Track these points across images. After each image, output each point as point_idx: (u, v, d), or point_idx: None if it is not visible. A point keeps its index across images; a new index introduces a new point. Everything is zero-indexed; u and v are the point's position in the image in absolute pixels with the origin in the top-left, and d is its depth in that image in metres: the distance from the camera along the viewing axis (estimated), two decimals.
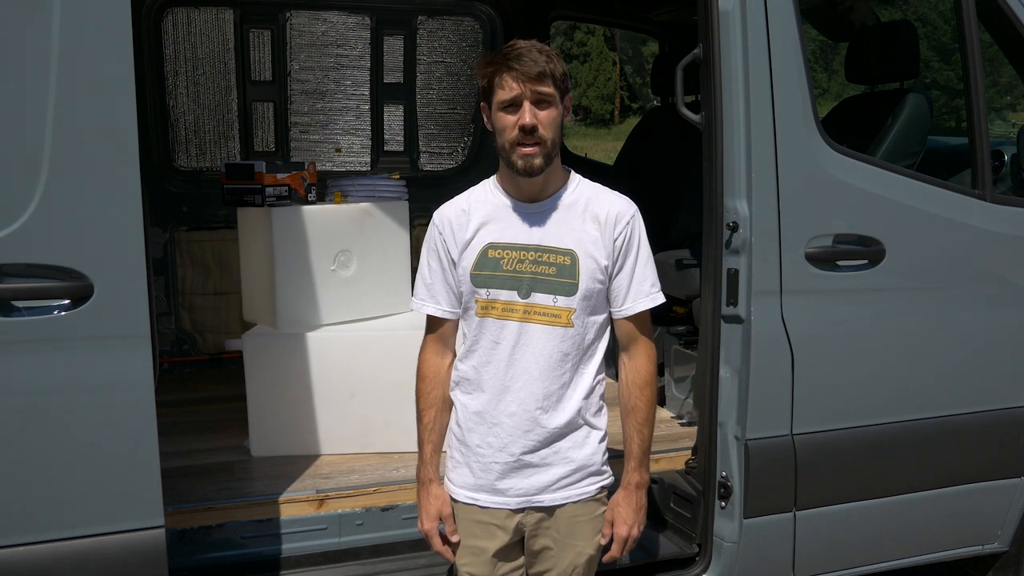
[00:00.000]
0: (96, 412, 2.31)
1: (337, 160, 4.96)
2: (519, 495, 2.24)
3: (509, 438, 2.22)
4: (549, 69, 2.08)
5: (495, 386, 2.22)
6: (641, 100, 29.89)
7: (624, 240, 2.20)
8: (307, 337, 3.35)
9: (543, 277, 2.17)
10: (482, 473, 2.26)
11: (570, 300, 2.17)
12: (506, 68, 2.08)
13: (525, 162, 2.10)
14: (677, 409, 3.87)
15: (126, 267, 2.29)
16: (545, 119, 2.10)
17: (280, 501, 2.92)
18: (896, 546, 3.25)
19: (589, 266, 2.17)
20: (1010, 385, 3.29)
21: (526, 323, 2.18)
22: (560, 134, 2.16)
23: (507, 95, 2.09)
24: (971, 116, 3.16)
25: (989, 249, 3.22)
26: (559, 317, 2.17)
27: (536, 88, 2.08)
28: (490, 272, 2.19)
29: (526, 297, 2.18)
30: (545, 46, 2.14)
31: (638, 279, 2.22)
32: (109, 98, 2.24)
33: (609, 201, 2.23)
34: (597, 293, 2.20)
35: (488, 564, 2.29)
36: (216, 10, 4.56)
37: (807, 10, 3.64)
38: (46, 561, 2.30)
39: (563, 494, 2.25)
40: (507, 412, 2.22)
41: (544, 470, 2.23)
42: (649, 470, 2.32)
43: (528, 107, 2.08)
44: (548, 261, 2.17)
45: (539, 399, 2.20)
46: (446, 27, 5.01)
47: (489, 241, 2.20)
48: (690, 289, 3.75)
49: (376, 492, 3.00)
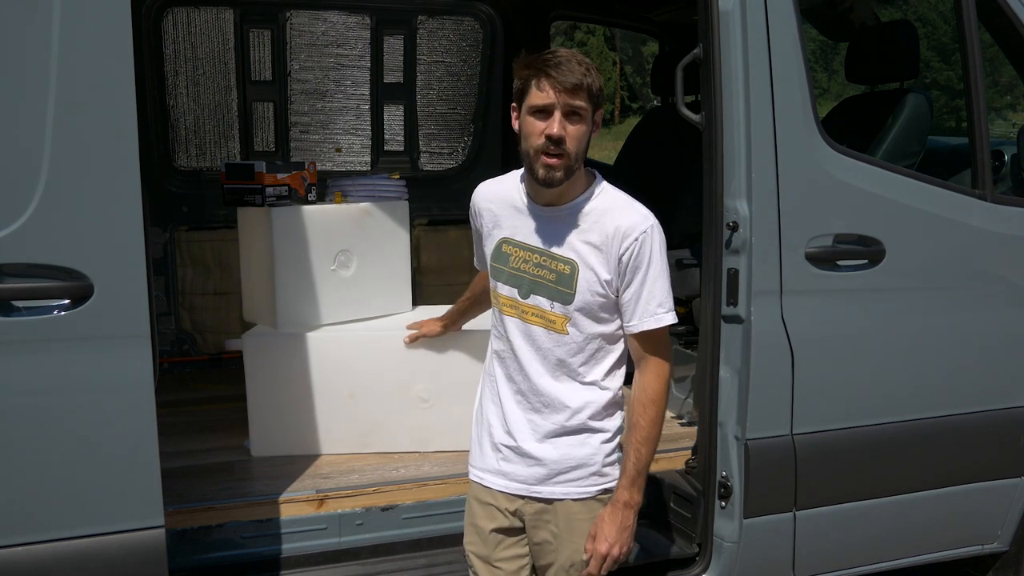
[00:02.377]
0: (96, 412, 2.31)
1: (337, 160, 4.95)
2: (519, 481, 2.28)
3: (514, 424, 2.27)
4: (586, 82, 2.07)
5: (503, 373, 2.30)
6: (641, 100, 29.86)
7: (631, 256, 2.16)
8: (307, 337, 3.35)
9: (543, 282, 2.19)
10: (491, 452, 2.33)
11: (566, 308, 2.18)
12: (544, 74, 2.07)
13: (546, 172, 2.10)
14: (677, 409, 3.87)
15: (126, 267, 2.29)
16: (574, 132, 2.09)
17: (280, 501, 2.92)
18: (896, 546, 3.25)
19: (588, 278, 2.17)
20: (1010, 385, 3.29)
21: (526, 322, 2.22)
22: (586, 148, 2.15)
23: (540, 101, 2.08)
24: (971, 116, 3.16)
25: (989, 249, 3.22)
26: (555, 323, 2.19)
27: (570, 100, 2.07)
28: (500, 266, 2.27)
29: (525, 297, 2.21)
30: (585, 59, 2.13)
31: (646, 297, 2.19)
32: (109, 98, 2.24)
33: (624, 214, 2.19)
34: (599, 306, 2.19)
35: (488, 544, 2.35)
36: (216, 10, 4.55)
37: (807, 10, 3.64)
38: (46, 561, 2.30)
39: (562, 489, 2.26)
40: (513, 400, 2.28)
41: (542, 463, 2.26)
42: (643, 492, 2.24)
43: (558, 117, 2.08)
44: (550, 267, 2.18)
45: (534, 395, 2.24)
46: (446, 27, 5.00)
47: (504, 236, 2.27)
48: (690, 289, 3.74)
49: (376, 492, 3.00)
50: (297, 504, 2.92)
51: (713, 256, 2.89)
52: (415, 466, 3.21)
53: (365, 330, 3.47)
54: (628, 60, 32.28)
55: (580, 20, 10.92)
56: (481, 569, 2.39)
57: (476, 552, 2.39)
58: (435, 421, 3.32)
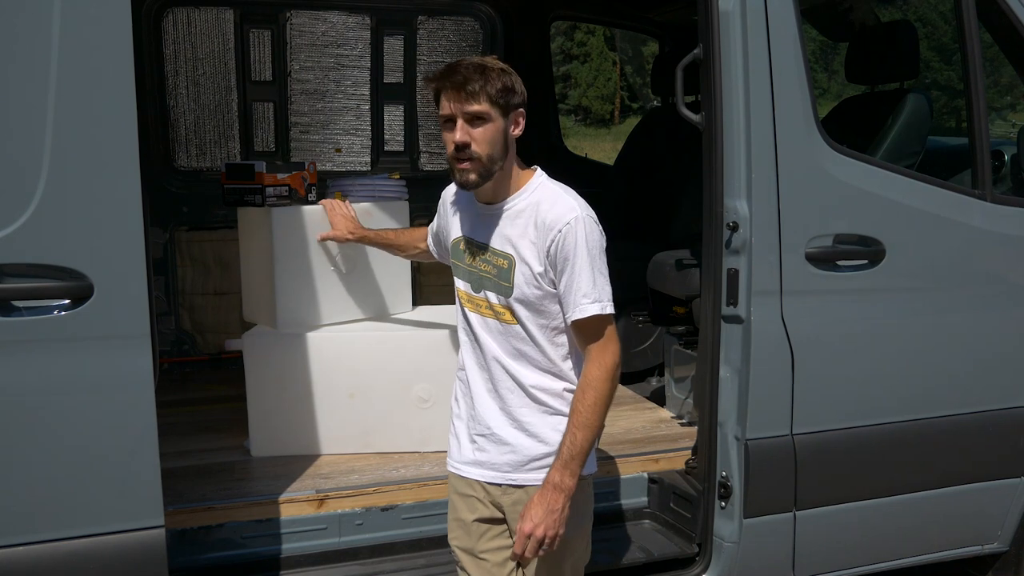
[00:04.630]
0: (96, 412, 2.31)
1: (337, 160, 4.96)
2: (495, 469, 2.31)
3: (484, 412, 2.32)
4: (479, 87, 2.11)
5: (472, 363, 2.35)
6: (641, 100, 29.88)
7: (558, 248, 2.16)
8: (307, 337, 3.35)
9: (488, 276, 2.27)
10: (468, 444, 2.36)
11: (507, 301, 2.24)
12: (440, 85, 2.16)
13: (461, 176, 2.19)
14: (677, 409, 3.86)
15: (126, 267, 2.29)
16: (480, 136, 2.14)
17: (280, 501, 2.92)
18: (896, 546, 3.25)
19: (524, 271, 2.20)
20: (1010, 385, 3.29)
21: (480, 315, 2.31)
22: (503, 147, 2.18)
23: (444, 112, 2.17)
24: (971, 116, 3.16)
25: (989, 249, 3.22)
26: (503, 314, 2.26)
27: (467, 106, 2.13)
28: (457, 262, 2.38)
29: (477, 292, 2.31)
30: (491, 61, 2.17)
31: (574, 289, 2.18)
32: (109, 98, 2.24)
33: (554, 208, 2.20)
34: (537, 298, 2.21)
35: (472, 535, 2.36)
36: (216, 10, 4.56)
37: (807, 10, 3.64)
38: (46, 561, 2.30)
39: (536, 476, 2.25)
40: (486, 388, 2.33)
41: (515, 449, 2.29)
42: (576, 477, 2.17)
43: (460, 125, 2.14)
44: (493, 262, 2.27)
45: (501, 383, 2.29)
46: (446, 27, 5.01)
47: (460, 234, 2.37)
48: (690, 289, 3.74)
49: (376, 492, 3.00)
50: (297, 504, 2.92)
51: (713, 256, 2.89)
52: (415, 466, 3.20)
53: (365, 330, 3.47)
54: (628, 60, 32.28)
55: (580, 20, 10.93)
56: (467, 562, 2.39)
57: (460, 545, 2.40)
58: (435, 421, 3.32)
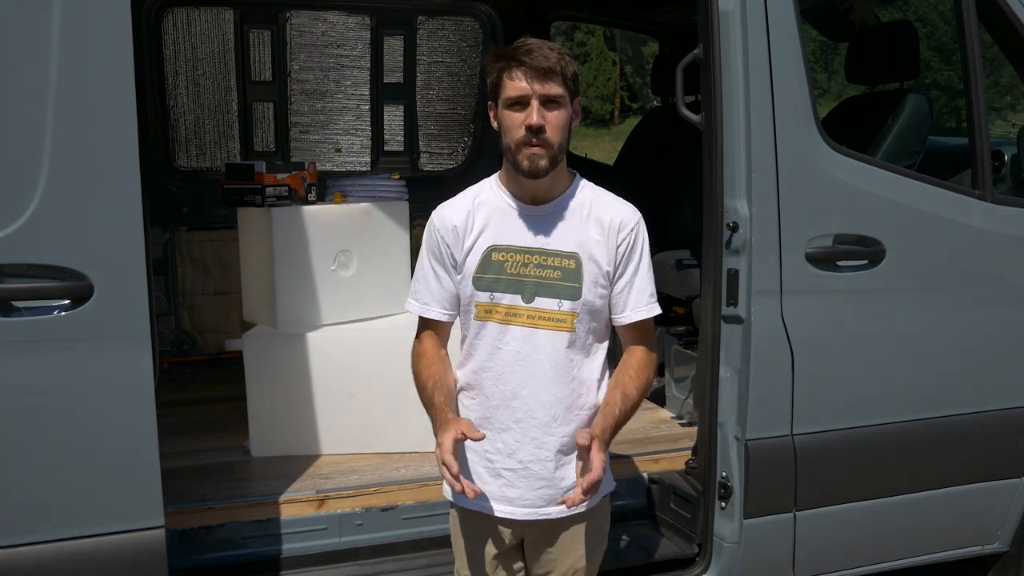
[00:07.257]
0: (96, 412, 2.31)
1: (337, 160, 4.96)
2: (527, 506, 2.19)
3: (517, 444, 2.17)
4: (559, 67, 2.04)
5: (501, 392, 2.17)
6: (641, 100, 29.86)
7: (627, 247, 2.17)
8: (307, 337, 3.35)
9: (548, 281, 2.13)
10: (491, 479, 2.20)
11: (574, 305, 2.13)
12: (515, 64, 2.04)
13: (531, 162, 2.05)
14: (677, 409, 3.86)
15: (126, 267, 2.29)
16: (553, 120, 2.05)
17: (280, 501, 2.92)
18: (896, 546, 3.24)
19: (592, 270, 2.14)
20: (1010, 385, 3.28)
21: (532, 328, 2.14)
22: (567, 137, 2.12)
23: (515, 92, 2.04)
24: (971, 116, 3.16)
25: (989, 249, 3.21)
26: (564, 322, 2.13)
27: (544, 87, 2.03)
28: (494, 275, 2.15)
29: (530, 301, 2.13)
30: (558, 45, 2.10)
31: (638, 288, 2.19)
32: (109, 98, 2.24)
33: (614, 206, 2.20)
34: (599, 297, 2.16)
35: (489, 568, 2.28)
36: (216, 10, 4.55)
37: (807, 10, 3.64)
38: (46, 561, 2.30)
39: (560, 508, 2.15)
40: (514, 419, 2.17)
41: (551, 483, 2.18)
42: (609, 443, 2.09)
43: (536, 106, 2.03)
44: (552, 265, 2.13)
45: (548, 406, 2.15)
46: (446, 27, 5.00)
47: (492, 243, 2.16)
48: (690, 289, 3.74)
49: (376, 492, 3.00)
50: (297, 504, 2.92)
51: (713, 256, 2.88)
52: (415, 466, 3.20)
53: (365, 330, 3.47)
54: (628, 60, 32.26)
55: (580, 20, 10.93)
56: None
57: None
58: None
